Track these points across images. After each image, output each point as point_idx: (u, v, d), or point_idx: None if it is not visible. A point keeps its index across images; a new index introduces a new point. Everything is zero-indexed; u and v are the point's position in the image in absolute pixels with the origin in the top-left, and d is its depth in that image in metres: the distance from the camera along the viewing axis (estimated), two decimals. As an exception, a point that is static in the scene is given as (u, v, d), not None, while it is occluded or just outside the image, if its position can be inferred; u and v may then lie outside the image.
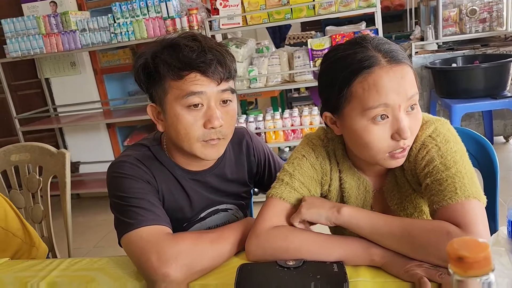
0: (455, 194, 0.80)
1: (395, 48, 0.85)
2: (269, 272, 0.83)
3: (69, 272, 1.00)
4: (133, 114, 3.42)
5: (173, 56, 0.95)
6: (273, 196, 0.96)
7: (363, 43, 0.85)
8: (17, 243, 1.24)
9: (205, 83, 0.95)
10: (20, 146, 1.64)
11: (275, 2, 2.71)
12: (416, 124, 0.87)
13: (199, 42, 0.97)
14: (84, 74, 3.74)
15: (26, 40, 3.17)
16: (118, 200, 0.98)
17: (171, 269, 0.86)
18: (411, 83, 0.84)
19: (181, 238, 0.92)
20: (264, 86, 2.95)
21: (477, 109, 3.07)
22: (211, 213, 1.14)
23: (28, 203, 1.59)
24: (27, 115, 3.61)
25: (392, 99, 0.81)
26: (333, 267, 0.82)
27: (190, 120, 0.96)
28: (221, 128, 0.98)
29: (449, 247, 0.36)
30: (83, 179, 3.78)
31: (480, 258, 0.34)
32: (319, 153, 1.00)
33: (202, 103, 0.96)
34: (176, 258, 0.87)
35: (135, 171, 1.01)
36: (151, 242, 0.90)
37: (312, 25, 5.74)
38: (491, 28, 3.30)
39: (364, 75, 0.82)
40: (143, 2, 2.92)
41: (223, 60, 0.97)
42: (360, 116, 0.84)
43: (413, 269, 0.76)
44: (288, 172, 0.98)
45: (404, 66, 0.84)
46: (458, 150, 0.87)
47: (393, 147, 0.85)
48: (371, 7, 2.65)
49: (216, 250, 0.93)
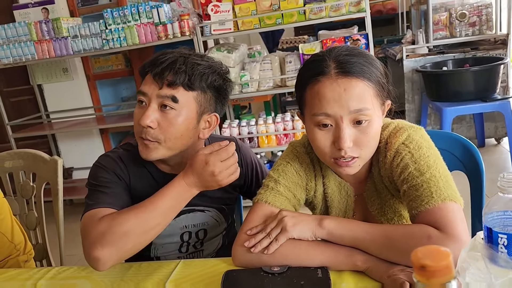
0: (431, 199, 0.81)
1: (355, 60, 0.87)
2: (254, 279, 0.84)
3: (56, 281, 1.00)
4: (126, 119, 3.42)
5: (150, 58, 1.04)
6: (259, 201, 0.97)
7: (325, 54, 0.90)
8: (9, 248, 1.24)
9: (150, 85, 1.02)
10: (13, 153, 1.64)
11: (266, 7, 2.73)
12: (366, 138, 0.87)
13: (179, 52, 1.04)
14: (77, 80, 3.74)
15: (18, 47, 3.16)
16: (88, 185, 1.07)
17: (97, 252, 0.90)
18: (357, 97, 0.85)
19: (106, 218, 0.94)
20: (256, 91, 2.96)
21: (467, 112, 3.09)
22: (186, 211, 1.14)
23: (23, 210, 1.59)
24: (20, 122, 3.60)
25: (333, 110, 0.85)
26: (317, 272, 0.83)
27: (135, 115, 1.04)
28: (154, 131, 1.01)
29: (413, 255, 0.37)
30: (76, 185, 3.76)
31: (442, 266, 0.35)
32: (303, 160, 1.02)
33: (145, 102, 1.02)
34: (99, 239, 0.90)
35: (111, 164, 1.08)
36: (86, 226, 0.95)
37: (305, 29, 5.77)
38: (480, 31, 3.34)
39: (313, 83, 0.88)
40: (134, 8, 2.92)
41: (174, 65, 1.00)
42: (310, 121, 0.90)
43: (395, 274, 0.77)
44: (273, 178, 1.00)
45: (353, 79, 0.85)
46: (431, 155, 0.88)
47: (335, 154, 0.88)
48: (361, 12, 2.67)
49: (140, 222, 0.93)
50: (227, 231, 1.24)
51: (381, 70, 0.91)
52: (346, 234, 0.85)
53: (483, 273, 0.58)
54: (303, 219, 0.89)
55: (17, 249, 1.26)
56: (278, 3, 2.70)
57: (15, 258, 1.25)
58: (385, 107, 0.93)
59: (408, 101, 3.51)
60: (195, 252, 1.19)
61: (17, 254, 1.26)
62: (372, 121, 0.87)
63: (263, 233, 0.89)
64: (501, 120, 3.22)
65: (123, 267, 1.01)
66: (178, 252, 1.17)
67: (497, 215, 0.63)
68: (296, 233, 0.87)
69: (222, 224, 1.21)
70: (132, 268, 1.00)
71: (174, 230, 1.14)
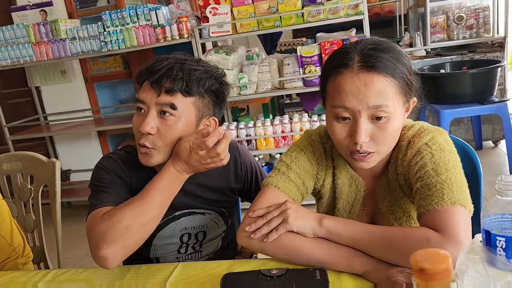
0: (441, 200, 0.81)
1: (381, 55, 0.86)
2: (252, 282, 0.84)
3: (55, 284, 1.00)
4: (124, 122, 3.41)
5: (146, 65, 1.05)
6: (269, 185, 0.98)
7: (351, 46, 0.90)
8: (8, 251, 1.24)
9: (148, 92, 1.03)
10: (11, 155, 1.64)
11: (265, 10, 2.73)
12: (383, 134, 0.87)
13: (174, 58, 1.05)
14: (75, 82, 3.73)
15: (16, 49, 3.16)
16: (91, 186, 1.08)
17: (103, 251, 0.92)
18: (376, 93, 0.84)
19: (105, 216, 0.96)
20: (255, 93, 2.96)
21: (465, 114, 3.10)
22: (186, 214, 1.16)
23: (20, 212, 1.59)
24: (17, 124, 3.59)
25: (351, 103, 0.86)
26: (316, 274, 0.83)
27: (135, 123, 1.05)
28: (153, 137, 1.02)
29: (411, 258, 0.37)
30: (74, 187, 3.76)
31: (441, 269, 0.35)
32: (316, 149, 1.03)
33: (144, 109, 1.03)
34: (103, 238, 0.92)
35: (112, 165, 1.09)
36: (89, 227, 0.98)
37: (303, 32, 5.77)
38: (478, 34, 3.35)
39: (335, 75, 0.88)
40: (133, 11, 2.92)
41: (170, 73, 1.01)
42: (329, 112, 0.91)
43: (394, 276, 0.77)
44: (285, 163, 1.00)
45: (375, 74, 0.85)
46: (451, 159, 0.88)
47: (351, 148, 0.89)
48: (359, 14, 2.68)
49: (139, 216, 0.96)
50: (226, 233, 1.24)
51: (409, 67, 0.90)
52: (345, 234, 0.85)
53: (481, 276, 0.59)
54: (305, 215, 0.89)
55: (16, 251, 1.26)
56: (277, 6, 2.70)
57: (14, 260, 1.24)
58: (410, 104, 0.93)
59: (406, 104, 3.51)
60: (194, 253, 1.20)
61: (15, 256, 1.26)
62: (391, 118, 0.87)
63: (264, 219, 0.91)
64: (499, 123, 3.22)
65: (121, 269, 1.01)
66: (177, 253, 1.18)
67: (495, 217, 0.63)
68: (296, 227, 0.88)
69: (221, 226, 1.22)
70: (131, 270, 1.00)
71: (174, 231, 1.15)
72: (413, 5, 3.98)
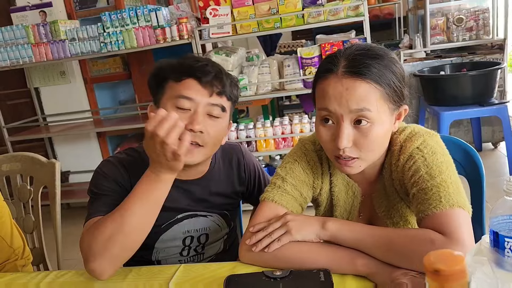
0: (439, 203, 0.81)
1: (367, 61, 0.85)
2: (256, 284, 0.83)
3: (55, 285, 0.99)
4: (123, 123, 3.40)
5: (179, 62, 1.04)
6: (266, 200, 0.98)
7: (339, 52, 0.91)
8: (8, 253, 1.23)
9: (198, 91, 1.01)
10: (11, 156, 1.63)
11: (265, 11, 2.73)
12: (365, 140, 0.86)
13: (207, 59, 1.06)
14: (74, 83, 3.72)
15: (15, 50, 3.15)
16: (90, 193, 1.07)
17: (91, 265, 0.91)
18: (358, 98, 0.84)
19: (91, 228, 0.94)
20: (255, 94, 2.95)
21: (465, 116, 3.10)
22: (189, 216, 1.15)
23: (20, 214, 1.58)
24: (16, 125, 3.57)
25: (333, 107, 0.86)
26: (320, 276, 0.82)
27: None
28: (202, 134, 1.01)
29: (425, 260, 0.36)
30: (73, 188, 3.74)
31: (456, 270, 0.34)
32: (310, 157, 1.02)
33: (190, 108, 1.02)
34: (89, 251, 0.91)
35: (112, 171, 1.07)
36: (81, 238, 0.96)
37: (303, 33, 5.77)
38: (477, 36, 3.35)
39: (322, 79, 0.90)
40: (132, 12, 2.92)
41: (221, 76, 1.04)
42: (317, 115, 0.92)
43: (398, 278, 0.77)
44: (280, 176, 1.00)
45: (357, 80, 0.84)
46: (444, 161, 0.88)
47: (335, 152, 0.89)
48: (359, 16, 2.68)
49: (118, 225, 0.91)
50: (228, 235, 1.24)
51: (398, 74, 0.89)
52: (349, 236, 0.85)
53: (489, 278, 0.58)
54: (307, 223, 0.89)
55: (15, 253, 1.25)
56: (277, 7, 2.70)
57: (13, 262, 1.23)
58: (402, 111, 0.93)
59: (405, 105, 3.51)
60: (196, 255, 1.19)
61: (15, 258, 1.24)
62: (374, 124, 0.86)
63: (264, 232, 0.90)
64: (498, 125, 3.23)
65: (123, 271, 1.00)
66: (179, 255, 1.17)
67: (503, 218, 0.62)
68: (301, 236, 0.88)
69: (224, 229, 1.21)
70: (132, 272, 0.99)
71: (176, 234, 1.14)
72: (413, 7, 3.98)
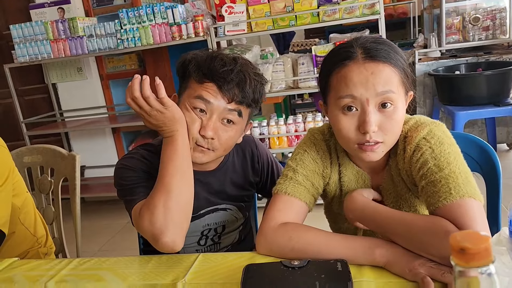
0: (449, 195, 0.81)
1: (382, 47, 0.88)
2: (274, 273, 0.85)
3: (78, 272, 1.01)
4: (138, 119, 3.39)
5: (206, 63, 1.04)
6: (278, 192, 0.99)
7: (352, 41, 0.92)
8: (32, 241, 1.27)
9: (216, 96, 1.03)
10: (32, 148, 1.67)
11: (280, 9, 2.74)
12: (390, 123, 0.88)
13: (235, 62, 1.05)
14: (91, 80, 3.78)
15: (34, 46, 3.21)
16: (119, 187, 1.08)
17: (162, 240, 0.95)
18: (383, 80, 0.86)
19: (142, 211, 0.98)
20: (268, 92, 2.97)
21: (480, 116, 3.08)
22: (210, 211, 1.18)
23: (40, 205, 1.62)
24: (34, 120, 3.64)
25: (359, 92, 0.87)
26: (337, 266, 0.84)
27: (190, 119, 1.04)
28: (212, 140, 1.04)
29: (451, 239, 0.37)
30: (88, 183, 3.79)
31: (481, 249, 0.36)
32: (319, 147, 1.03)
33: (206, 111, 1.03)
34: (155, 229, 0.95)
35: (136, 163, 1.09)
36: (136, 224, 1.00)
37: (316, 32, 5.78)
38: (494, 36, 3.32)
39: (339, 67, 0.90)
40: (149, 9, 2.96)
41: (244, 85, 1.04)
42: (334, 105, 0.91)
43: (416, 269, 0.78)
44: (291, 168, 1.01)
45: (380, 63, 0.87)
46: (452, 151, 0.88)
47: (360, 139, 0.89)
48: (375, 14, 2.68)
49: (169, 195, 0.97)
50: (243, 226, 1.26)
51: (406, 60, 0.93)
52: (368, 213, 0.90)
53: (508, 268, 0.59)
54: None
55: (38, 242, 1.29)
56: (292, 5, 2.71)
57: (36, 249, 1.27)
58: (408, 97, 0.95)
59: (419, 105, 3.50)
60: (213, 245, 1.22)
61: (38, 246, 1.28)
62: (397, 107, 0.88)
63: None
64: (514, 125, 3.20)
65: (143, 259, 1.03)
66: (197, 244, 1.20)
67: (522, 210, 0.63)
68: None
69: (240, 220, 1.24)
70: (152, 260, 1.02)
71: (197, 227, 1.18)
72: (428, 6, 3.96)
